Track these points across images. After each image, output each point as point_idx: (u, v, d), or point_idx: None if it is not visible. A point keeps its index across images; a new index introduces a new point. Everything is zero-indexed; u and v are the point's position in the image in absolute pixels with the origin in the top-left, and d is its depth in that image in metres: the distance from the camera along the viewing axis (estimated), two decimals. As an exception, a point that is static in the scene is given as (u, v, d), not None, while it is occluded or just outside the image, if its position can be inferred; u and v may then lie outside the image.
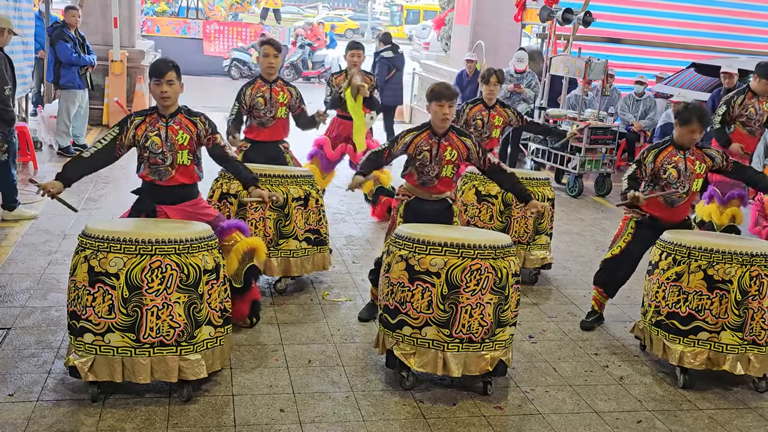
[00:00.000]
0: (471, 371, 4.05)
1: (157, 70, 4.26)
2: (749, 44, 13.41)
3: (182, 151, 4.29)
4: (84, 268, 3.70)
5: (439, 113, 4.54)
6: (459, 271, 3.94)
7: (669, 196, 4.87)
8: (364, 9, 48.77)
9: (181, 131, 4.30)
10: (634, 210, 5.02)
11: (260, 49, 6.07)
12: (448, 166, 4.62)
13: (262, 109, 5.97)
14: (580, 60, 9.73)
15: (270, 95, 5.97)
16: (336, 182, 8.16)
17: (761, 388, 4.46)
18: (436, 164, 4.60)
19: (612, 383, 4.46)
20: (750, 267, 4.29)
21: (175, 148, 4.27)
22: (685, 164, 4.84)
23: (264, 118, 6.01)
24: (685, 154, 4.87)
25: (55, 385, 3.95)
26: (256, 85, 6.02)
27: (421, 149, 4.61)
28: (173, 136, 4.28)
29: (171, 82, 4.25)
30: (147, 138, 4.26)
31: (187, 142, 4.31)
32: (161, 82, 4.23)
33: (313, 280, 5.79)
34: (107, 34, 11.48)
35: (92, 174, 4.51)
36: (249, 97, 5.98)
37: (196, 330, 3.81)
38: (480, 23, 13.22)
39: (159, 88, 4.24)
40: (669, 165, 4.86)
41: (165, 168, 4.29)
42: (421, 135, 4.64)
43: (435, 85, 4.66)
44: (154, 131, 4.27)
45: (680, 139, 4.86)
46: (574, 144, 9.33)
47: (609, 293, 5.23)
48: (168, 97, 4.25)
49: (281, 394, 4.03)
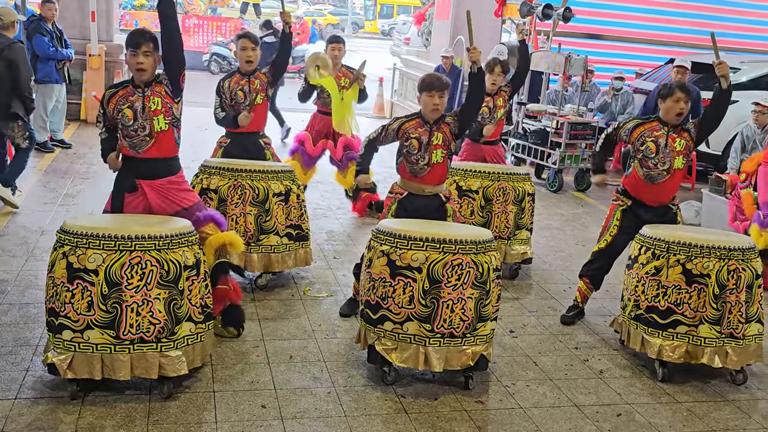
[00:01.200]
0: (452, 366, 4.06)
1: (133, 40, 4.19)
2: (726, 41, 13.53)
3: (157, 117, 4.23)
4: (62, 265, 3.66)
5: (429, 104, 4.56)
6: (440, 266, 3.94)
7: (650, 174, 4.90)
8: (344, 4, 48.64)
9: (153, 97, 4.25)
10: (618, 197, 5.09)
11: (237, 43, 6.10)
12: (437, 150, 4.62)
13: (242, 102, 5.98)
14: (560, 56, 9.78)
15: (249, 87, 6.01)
16: (317, 178, 8.15)
17: (738, 381, 4.51)
18: (425, 151, 4.61)
19: (592, 377, 4.49)
20: (728, 261, 4.34)
21: (150, 115, 4.22)
22: (666, 141, 4.87)
23: (241, 110, 6.01)
24: (669, 131, 4.90)
25: (33, 382, 3.91)
26: (234, 79, 6.06)
27: (408, 135, 4.62)
28: (148, 104, 4.22)
29: (147, 53, 4.19)
30: (119, 111, 4.22)
31: (161, 106, 4.25)
32: (137, 52, 4.17)
33: (294, 276, 5.78)
34: (85, 28, 11.37)
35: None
36: (227, 90, 6.00)
37: (176, 326, 3.79)
38: (460, 18, 13.23)
39: (135, 59, 4.17)
40: (648, 138, 4.88)
41: (142, 138, 4.22)
42: (410, 122, 4.66)
43: (426, 76, 4.69)
44: (126, 104, 4.22)
45: (666, 114, 4.89)
46: (554, 139, 9.39)
47: (595, 285, 5.27)
48: (144, 69, 4.19)
49: (263, 390, 4.02)
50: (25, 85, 6.82)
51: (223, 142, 6.14)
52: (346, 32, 38.62)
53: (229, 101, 6.01)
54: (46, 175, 8.25)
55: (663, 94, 4.91)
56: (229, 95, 6.00)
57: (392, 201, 4.77)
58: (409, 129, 4.63)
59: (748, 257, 4.40)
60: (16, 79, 6.77)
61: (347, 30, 40.49)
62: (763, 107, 8.12)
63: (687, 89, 4.91)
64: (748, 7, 13.73)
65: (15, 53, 6.80)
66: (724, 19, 13.59)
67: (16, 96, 6.78)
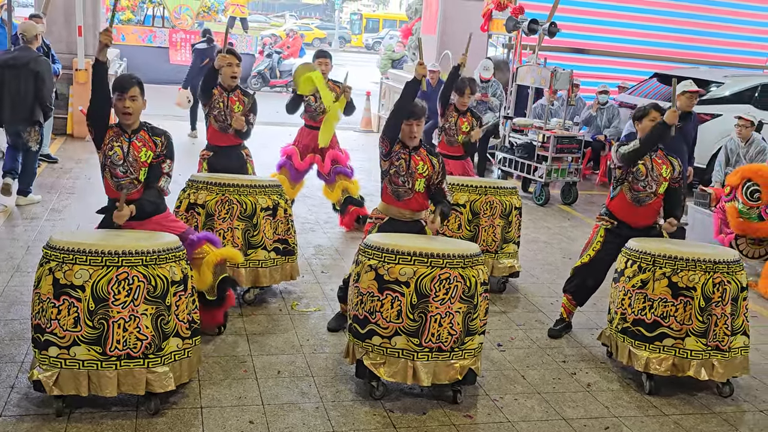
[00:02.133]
0: (440, 380, 4.06)
1: (120, 85, 4.22)
2: (710, 55, 13.70)
3: (145, 168, 4.25)
4: (49, 281, 3.64)
5: (407, 131, 4.57)
6: (428, 281, 3.95)
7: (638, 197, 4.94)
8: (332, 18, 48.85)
9: (144, 148, 4.25)
10: (602, 218, 5.11)
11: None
12: (421, 180, 4.63)
13: (220, 114, 6.03)
14: (546, 70, 9.85)
15: (228, 103, 6.02)
16: (304, 192, 8.15)
17: (725, 393, 4.54)
18: (409, 176, 4.61)
19: (580, 390, 4.51)
20: (713, 274, 4.37)
21: (138, 164, 4.23)
22: (652, 164, 4.93)
23: (223, 124, 6.05)
24: (651, 155, 4.95)
25: (18, 399, 3.87)
26: (217, 91, 6.04)
27: (399, 156, 4.62)
28: (135, 153, 4.23)
29: (134, 98, 4.21)
30: (111, 147, 4.22)
31: (150, 159, 4.26)
32: (124, 97, 4.19)
33: (282, 291, 5.77)
34: (71, 43, 11.35)
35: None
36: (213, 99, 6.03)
37: (163, 342, 3.77)
38: (447, 33, 13.32)
39: (122, 104, 4.20)
40: (639, 161, 4.93)
41: (130, 181, 4.24)
42: (397, 144, 4.66)
43: None
44: (117, 143, 4.23)
45: (644, 133, 4.94)
46: (540, 153, 9.45)
47: (578, 301, 5.29)
48: (130, 113, 4.21)
49: (250, 405, 4.01)
50: (47, 95, 7.41)
51: (205, 155, 6.15)
52: (333, 46, 38.75)
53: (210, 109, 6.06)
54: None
55: (638, 116, 4.98)
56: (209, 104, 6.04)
57: (372, 226, 4.76)
58: (399, 151, 4.64)
59: (734, 270, 4.43)
60: (40, 89, 7.32)
61: (334, 44, 40.63)
62: (746, 121, 8.21)
63: (661, 108, 4.97)
64: (731, 22, 13.90)
65: (40, 65, 7.38)
66: (707, 34, 13.75)
67: (38, 104, 7.34)
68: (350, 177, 7.46)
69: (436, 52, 13.23)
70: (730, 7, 13.78)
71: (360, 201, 7.54)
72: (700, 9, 13.58)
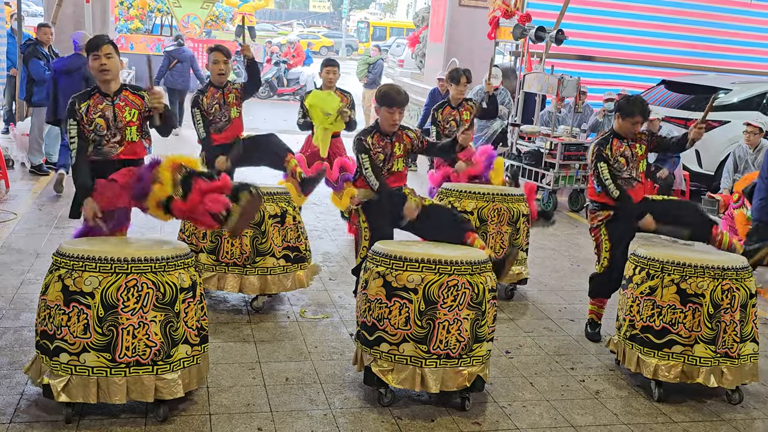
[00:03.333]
0: (449, 387, 4.06)
1: (93, 44, 4.26)
2: (717, 61, 13.67)
3: (131, 128, 4.30)
4: (58, 287, 3.66)
5: (389, 119, 4.65)
6: (436, 287, 3.95)
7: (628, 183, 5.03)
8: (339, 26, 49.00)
9: (128, 107, 4.30)
10: (596, 213, 5.12)
11: (209, 56, 6.28)
12: (399, 160, 4.75)
13: (218, 115, 6.22)
14: (553, 77, 9.86)
15: (223, 100, 6.23)
16: (312, 199, 8.16)
17: (734, 401, 4.52)
18: (388, 162, 4.72)
19: (588, 397, 4.49)
20: (722, 281, 4.36)
21: (122, 125, 4.26)
22: (630, 150, 5.04)
23: (220, 123, 6.25)
24: (628, 141, 5.06)
25: (28, 406, 3.89)
26: (210, 93, 6.23)
27: (376, 151, 4.69)
28: (120, 113, 4.27)
29: (109, 55, 4.25)
30: (92, 121, 4.25)
31: (136, 118, 4.31)
32: (99, 55, 4.22)
33: (290, 298, 5.78)
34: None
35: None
36: (206, 105, 6.21)
37: (172, 349, 3.78)
38: (454, 41, 13.36)
39: (98, 62, 4.22)
40: (618, 155, 5.03)
41: (112, 145, 4.26)
42: (373, 136, 4.72)
43: (386, 89, 4.71)
44: (97, 113, 4.26)
45: (622, 130, 5.06)
46: (548, 160, 9.46)
47: (607, 296, 5.32)
48: (107, 69, 4.24)
49: (259, 412, 4.01)
50: None
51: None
52: (340, 54, 38.87)
53: (207, 116, 6.21)
54: (40, 198, 8.25)
55: (625, 113, 4.99)
56: (206, 109, 6.20)
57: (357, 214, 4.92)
58: (374, 143, 4.71)
59: (742, 276, 4.42)
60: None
61: (341, 52, 40.77)
62: (755, 128, 8.21)
63: (647, 112, 5.05)
64: (739, 28, 13.87)
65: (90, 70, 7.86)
66: (715, 40, 13.73)
67: None
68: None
69: (444, 59, 13.26)
70: (737, 14, 13.75)
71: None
72: (706, 16, 13.55)
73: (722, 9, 13.68)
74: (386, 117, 4.61)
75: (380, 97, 4.66)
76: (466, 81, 6.78)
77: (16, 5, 11.02)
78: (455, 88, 6.73)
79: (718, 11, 13.65)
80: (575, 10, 12.00)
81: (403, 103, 4.61)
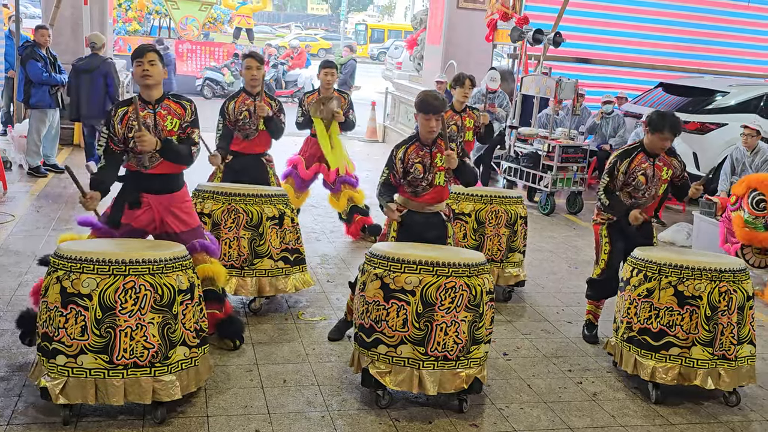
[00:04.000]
0: (446, 389, 4.06)
1: (138, 52, 4.23)
2: (714, 64, 13.71)
3: (172, 137, 4.26)
4: (56, 289, 3.66)
5: (426, 126, 4.54)
6: (434, 289, 3.96)
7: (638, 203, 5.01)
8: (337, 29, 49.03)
9: (170, 116, 4.27)
10: (601, 214, 5.12)
11: (243, 63, 6.17)
12: (440, 173, 4.62)
13: (247, 122, 6.09)
14: (551, 80, 9.87)
15: (254, 108, 6.08)
16: (310, 201, 8.17)
17: (732, 402, 4.52)
18: (429, 173, 4.61)
19: (586, 399, 4.50)
20: (719, 283, 4.37)
21: (163, 134, 4.23)
22: (654, 170, 4.97)
23: (248, 131, 6.15)
24: (654, 160, 4.98)
25: (26, 408, 3.88)
26: (240, 99, 6.14)
27: (413, 162, 4.60)
28: (161, 122, 4.23)
29: (152, 62, 4.21)
30: (131, 128, 4.19)
31: (177, 128, 4.28)
32: (143, 62, 4.19)
33: (288, 300, 5.78)
34: (78, 54, 11.39)
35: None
36: (233, 111, 6.11)
37: (170, 351, 3.78)
38: (452, 43, 13.36)
39: (141, 68, 4.18)
40: (638, 172, 4.97)
41: (152, 155, 4.23)
42: (410, 147, 4.64)
43: (424, 96, 4.59)
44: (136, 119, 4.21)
45: (651, 145, 4.98)
46: (546, 162, 9.47)
47: (605, 297, 5.32)
48: (150, 75, 4.19)
49: (256, 414, 4.01)
50: (115, 90, 9.38)
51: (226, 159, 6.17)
52: (338, 56, 38.80)
53: (232, 122, 6.10)
54: (38, 200, 8.25)
55: (654, 127, 4.89)
56: (234, 116, 6.07)
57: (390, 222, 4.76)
58: (411, 154, 4.61)
59: (739, 279, 4.43)
60: (110, 86, 9.31)
61: (339, 54, 40.70)
62: (752, 130, 8.21)
63: (678, 129, 4.93)
64: (736, 31, 13.91)
65: (108, 68, 9.38)
66: (712, 43, 13.76)
67: (109, 99, 9.19)
68: (355, 186, 7.48)
69: (442, 61, 13.27)
70: (735, 17, 13.79)
71: (365, 210, 7.55)
72: (704, 18, 13.59)
73: (720, 12, 13.72)
74: (423, 123, 4.54)
75: (417, 103, 4.55)
76: (470, 85, 6.73)
77: (14, 7, 11.03)
78: (460, 91, 6.66)
79: (716, 14, 13.69)
80: (573, 13, 12.03)
81: (439, 109, 4.51)
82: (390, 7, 62.20)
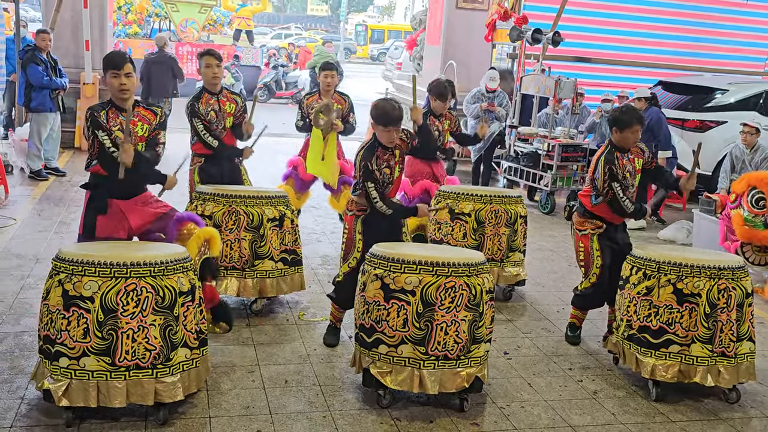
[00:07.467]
0: (447, 388, 4.08)
1: (114, 62, 4.22)
2: (714, 62, 13.71)
3: (141, 144, 4.32)
4: (58, 292, 3.68)
5: (386, 137, 4.59)
6: (434, 289, 3.97)
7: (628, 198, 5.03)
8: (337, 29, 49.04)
9: (141, 122, 4.33)
10: (588, 222, 5.11)
11: (201, 61, 5.94)
12: (397, 167, 4.75)
13: (214, 122, 5.94)
14: (550, 79, 9.88)
15: (219, 107, 5.96)
16: (310, 203, 8.19)
17: (731, 399, 4.54)
18: (390, 173, 4.71)
19: (586, 397, 4.51)
20: (718, 280, 4.38)
21: (135, 140, 4.27)
22: (631, 165, 5.03)
23: (217, 130, 5.95)
24: (627, 155, 5.02)
25: (28, 410, 3.91)
26: (204, 99, 5.94)
27: (381, 167, 4.65)
28: (133, 128, 4.28)
29: (129, 74, 4.25)
30: (111, 132, 4.24)
31: (147, 134, 4.33)
32: (119, 74, 4.20)
33: (289, 301, 5.80)
34: (79, 57, 11.45)
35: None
36: (203, 111, 5.91)
37: (172, 352, 3.80)
38: (451, 43, 13.37)
39: (118, 80, 4.20)
40: (626, 170, 4.99)
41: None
42: (376, 154, 4.64)
43: (381, 107, 4.55)
44: (116, 125, 4.26)
45: (624, 142, 4.99)
46: (545, 162, 9.48)
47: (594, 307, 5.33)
48: (127, 89, 4.24)
49: (258, 414, 4.03)
50: (180, 76, 12.41)
51: (197, 162, 6.05)
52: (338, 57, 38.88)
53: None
54: (40, 203, 8.27)
55: (623, 124, 4.92)
56: (203, 116, 5.90)
57: (354, 219, 4.78)
58: (379, 160, 4.64)
59: (738, 276, 4.44)
60: (175, 74, 12.24)
61: (339, 55, 40.76)
62: (751, 128, 8.23)
63: (643, 118, 5.06)
64: (735, 29, 13.91)
65: (172, 62, 12.43)
66: (711, 41, 13.77)
67: (171, 84, 12.22)
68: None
69: (441, 62, 13.28)
70: (733, 14, 13.80)
71: (366, 211, 7.55)
72: (703, 17, 13.59)
73: (718, 10, 13.72)
74: (383, 135, 4.55)
75: (376, 115, 4.52)
76: (452, 97, 6.81)
77: (14, 11, 11.06)
78: (441, 104, 6.66)
79: (715, 12, 13.70)
80: (572, 12, 12.04)
81: (398, 121, 4.50)
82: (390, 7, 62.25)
